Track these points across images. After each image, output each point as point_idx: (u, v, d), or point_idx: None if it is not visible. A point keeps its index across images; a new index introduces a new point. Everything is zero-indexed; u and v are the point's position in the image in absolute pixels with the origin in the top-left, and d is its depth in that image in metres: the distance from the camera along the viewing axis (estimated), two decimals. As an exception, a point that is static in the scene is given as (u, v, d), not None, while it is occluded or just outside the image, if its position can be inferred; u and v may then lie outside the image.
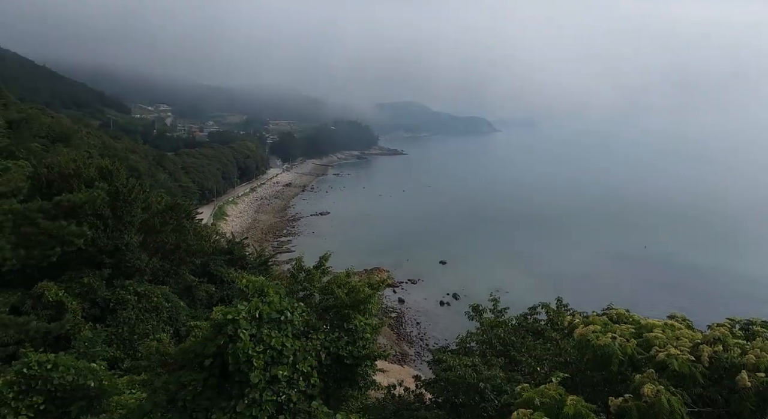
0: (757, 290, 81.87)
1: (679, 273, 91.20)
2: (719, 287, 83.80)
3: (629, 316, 11.43)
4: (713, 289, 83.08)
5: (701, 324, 13.14)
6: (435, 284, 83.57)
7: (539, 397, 7.85)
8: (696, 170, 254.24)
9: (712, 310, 71.07)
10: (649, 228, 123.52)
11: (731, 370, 7.60)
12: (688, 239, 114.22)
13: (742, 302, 76.43)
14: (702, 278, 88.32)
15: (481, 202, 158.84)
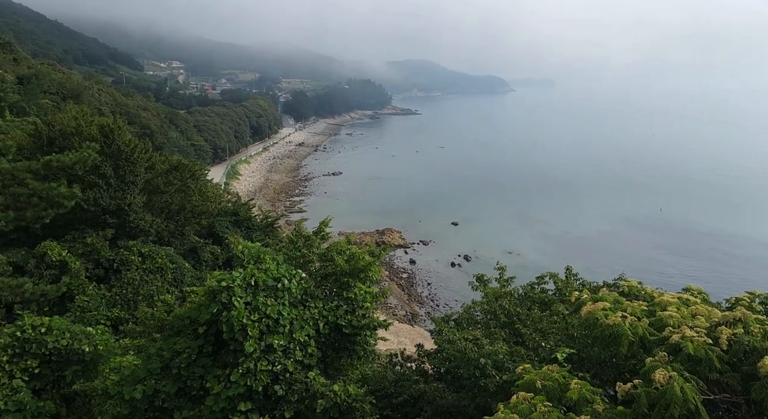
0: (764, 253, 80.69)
1: (695, 238, 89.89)
2: (738, 253, 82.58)
3: (642, 289, 10.81)
4: (732, 255, 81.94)
5: (719, 294, 12.49)
6: (446, 246, 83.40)
7: (541, 379, 7.36)
8: (714, 133, 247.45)
9: (730, 278, 70.58)
10: (666, 191, 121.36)
11: (752, 355, 7.00)
12: (706, 203, 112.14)
13: (761, 269, 75.48)
14: (720, 244, 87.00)
15: (494, 164, 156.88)
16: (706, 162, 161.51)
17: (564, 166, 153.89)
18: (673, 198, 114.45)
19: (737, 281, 69.32)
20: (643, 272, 67.69)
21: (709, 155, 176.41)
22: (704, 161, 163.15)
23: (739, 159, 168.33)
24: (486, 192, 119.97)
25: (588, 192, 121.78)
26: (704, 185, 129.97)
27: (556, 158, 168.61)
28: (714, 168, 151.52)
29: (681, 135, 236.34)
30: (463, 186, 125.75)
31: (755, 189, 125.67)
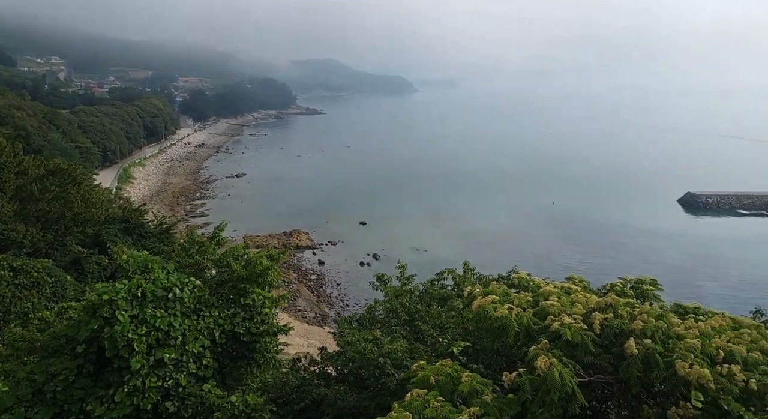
0: (655, 242, 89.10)
1: (583, 228, 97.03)
2: (620, 241, 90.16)
3: (530, 280, 11.38)
4: (615, 243, 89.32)
5: (603, 280, 13.45)
6: (355, 245, 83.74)
7: (435, 375, 7.51)
8: (600, 129, 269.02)
9: (615, 263, 77.03)
10: (559, 186, 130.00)
11: (621, 337, 7.59)
12: (595, 195, 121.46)
13: (641, 254, 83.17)
14: (607, 233, 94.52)
15: (401, 162, 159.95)
16: (595, 157, 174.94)
17: (467, 164, 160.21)
18: (563, 192, 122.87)
19: (620, 266, 76.01)
20: (539, 262, 72.26)
21: (596, 151, 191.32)
22: (593, 156, 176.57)
23: (622, 154, 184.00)
24: (394, 191, 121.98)
25: (490, 188, 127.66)
26: (591, 178, 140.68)
27: (460, 156, 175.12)
28: (601, 162, 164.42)
29: (573, 133, 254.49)
30: (371, 185, 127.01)
31: (638, 182, 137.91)
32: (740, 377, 7.04)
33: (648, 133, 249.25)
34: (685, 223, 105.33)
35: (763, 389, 6.96)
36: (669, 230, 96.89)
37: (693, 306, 11.52)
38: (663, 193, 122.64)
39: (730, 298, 62.98)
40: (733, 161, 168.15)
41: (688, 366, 6.88)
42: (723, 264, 79.99)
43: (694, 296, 62.01)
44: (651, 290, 12.19)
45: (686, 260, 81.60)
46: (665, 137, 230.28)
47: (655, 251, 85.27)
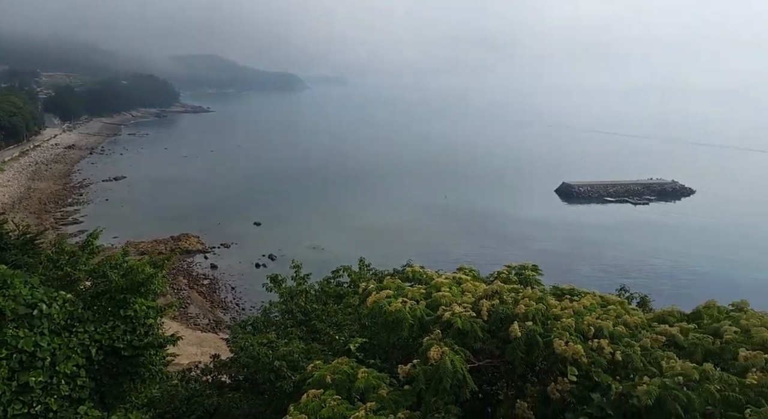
0: (536, 231, 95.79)
1: (475, 220, 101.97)
2: (508, 231, 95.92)
3: (423, 273, 11.68)
4: (504, 232, 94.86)
5: (494, 268, 14.10)
6: (250, 247, 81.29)
7: (331, 374, 7.43)
8: (484, 126, 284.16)
9: (503, 252, 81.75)
10: (451, 180, 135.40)
11: (506, 321, 8.00)
12: (484, 188, 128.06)
13: (525, 242, 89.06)
14: (496, 223, 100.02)
15: (295, 160, 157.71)
16: (482, 152, 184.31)
17: (361, 161, 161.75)
18: (455, 186, 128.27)
19: (508, 255, 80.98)
20: (435, 255, 74.77)
21: (483, 146, 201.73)
22: (480, 152, 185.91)
23: (505, 149, 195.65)
24: (288, 189, 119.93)
25: (385, 185, 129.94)
26: (478, 173, 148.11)
27: (353, 153, 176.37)
28: (487, 157, 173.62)
29: (460, 130, 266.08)
30: (265, 184, 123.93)
31: (520, 175, 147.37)
32: (608, 350, 7.73)
33: (527, 129, 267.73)
34: (561, 211, 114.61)
35: (627, 359, 7.69)
36: (548, 219, 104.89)
37: (569, 288, 12.51)
38: (542, 184, 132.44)
39: (601, 279, 69.45)
40: (599, 153, 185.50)
41: (564, 343, 7.42)
42: (595, 248, 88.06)
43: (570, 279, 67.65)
44: (533, 275, 13.05)
45: (564, 245, 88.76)
46: (542, 133, 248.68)
47: (537, 238, 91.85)
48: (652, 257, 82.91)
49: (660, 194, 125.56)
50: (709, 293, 12.42)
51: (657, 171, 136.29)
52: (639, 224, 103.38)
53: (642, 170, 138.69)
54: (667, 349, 8.88)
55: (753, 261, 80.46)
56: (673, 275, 75.07)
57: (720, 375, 7.07)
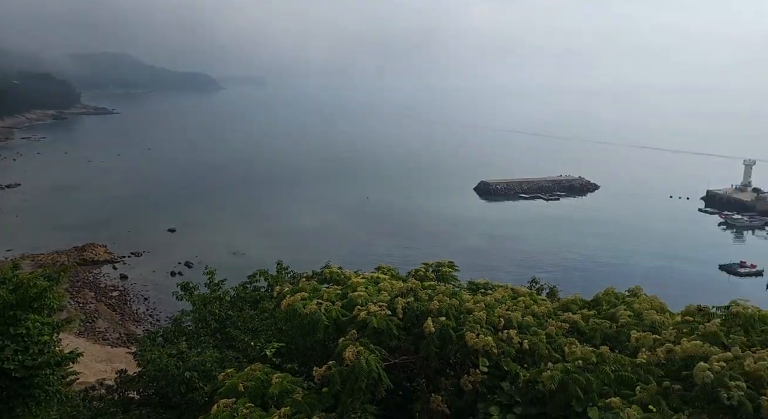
0: (457, 228, 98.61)
1: (398, 219, 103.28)
2: (432, 228, 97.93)
3: (341, 274, 11.64)
4: (427, 230, 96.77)
5: (416, 265, 14.28)
6: (164, 255, 77.57)
7: (243, 381, 7.21)
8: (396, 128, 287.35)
9: (425, 250, 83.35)
10: (373, 180, 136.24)
11: (421, 318, 8.13)
12: (406, 188, 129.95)
13: (447, 239, 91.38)
14: (418, 222, 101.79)
15: (209, 164, 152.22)
16: (403, 152, 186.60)
17: (280, 163, 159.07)
18: (377, 186, 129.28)
19: (430, 252, 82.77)
20: (358, 255, 74.89)
21: (403, 146, 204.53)
22: (401, 152, 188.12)
23: (425, 149, 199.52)
24: (205, 194, 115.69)
25: (305, 186, 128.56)
26: (400, 172, 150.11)
27: (271, 156, 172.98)
28: (408, 157, 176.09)
29: (377, 130, 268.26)
30: (178, 189, 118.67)
31: (441, 174, 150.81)
32: (516, 339, 8.06)
33: (444, 128, 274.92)
34: (480, 208, 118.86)
35: (533, 347, 8.07)
36: (468, 216, 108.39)
37: (483, 282, 12.94)
38: (461, 183, 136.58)
39: (517, 272, 72.64)
40: (513, 152, 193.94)
41: (475, 336, 7.65)
42: (511, 243, 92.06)
43: (490, 273, 70.27)
44: (449, 271, 13.39)
45: (483, 241, 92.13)
46: (459, 132, 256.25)
47: (459, 235, 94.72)
48: (564, 250, 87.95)
49: (569, 189, 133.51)
50: (613, 281, 13.34)
51: (565, 168, 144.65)
52: (551, 218, 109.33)
53: (552, 167, 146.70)
54: (570, 335, 9.43)
55: (650, 250, 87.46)
56: (582, 266, 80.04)
57: (614, 356, 7.59)
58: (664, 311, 10.65)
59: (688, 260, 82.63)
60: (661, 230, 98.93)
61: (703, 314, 9.08)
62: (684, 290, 62.67)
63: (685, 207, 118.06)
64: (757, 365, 6.51)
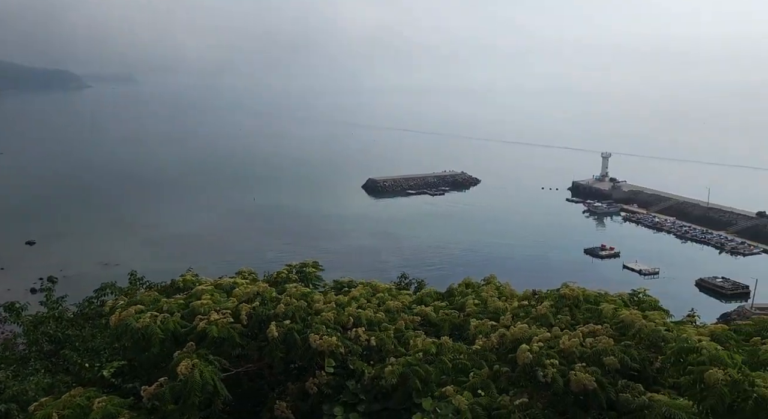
0: (346, 226, 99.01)
1: (287, 221, 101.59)
2: (322, 227, 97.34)
3: (196, 281, 11.06)
4: (317, 229, 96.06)
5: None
6: (23, 270, 69.97)
7: (59, 410, 6.51)
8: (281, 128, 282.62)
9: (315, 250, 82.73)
10: (259, 182, 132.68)
11: (266, 323, 7.90)
12: (294, 188, 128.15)
13: (336, 238, 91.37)
14: (308, 222, 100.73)
15: (74, 168, 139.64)
16: (289, 152, 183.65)
17: (155, 166, 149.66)
18: (264, 188, 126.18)
19: (319, 252, 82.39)
20: (243, 259, 72.32)
21: (288, 146, 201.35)
22: (287, 152, 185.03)
23: (313, 148, 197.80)
24: (69, 201, 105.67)
25: (186, 190, 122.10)
26: (288, 173, 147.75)
27: (146, 158, 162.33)
28: (295, 157, 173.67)
29: (263, 131, 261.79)
30: (36, 197, 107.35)
31: (329, 173, 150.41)
32: (363, 337, 8.11)
33: (331, 128, 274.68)
34: (368, 206, 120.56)
35: (380, 343, 8.17)
36: (357, 214, 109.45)
37: (347, 281, 12.95)
38: (349, 181, 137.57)
39: (403, 267, 74.41)
40: (401, 149, 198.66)
41: (319, 337, 7.57)
42: (399, 238, 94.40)
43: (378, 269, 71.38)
44: (313, 272, 13.22)
45: (372, 238, 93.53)
46: (345, 131, 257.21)
47: (348, 233, 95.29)
48: (450, 244, 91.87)
49: (453, 184, 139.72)
50: (492, 271, 13.91)
51: (449, 164, 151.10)
52: (437, 213, 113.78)
53: (436, 163, 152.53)
54: (422, 328, 9.71)
55: (526, 238, 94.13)
56: (466, 258, 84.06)
57: (454, 345, 7.90)
58: (513, 296, 11.37)
59: (558, 247, 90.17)
60: (534, 219, 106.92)
61: (537, 297, 9.77)
62: (554, 275, 68.26)
63: (555, 197, 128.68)
64: (570, 342, 7.09)
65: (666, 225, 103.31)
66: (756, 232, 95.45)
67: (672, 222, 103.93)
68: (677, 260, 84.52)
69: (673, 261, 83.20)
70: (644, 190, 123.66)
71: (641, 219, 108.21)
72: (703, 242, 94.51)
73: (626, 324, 7.62)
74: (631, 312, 7.86)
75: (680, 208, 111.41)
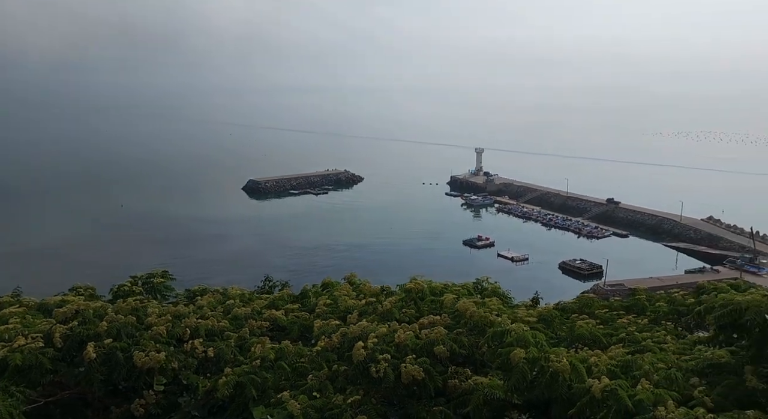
0: (228, 230, 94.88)
1: (162, 227, 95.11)
2: (201, 233, 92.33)
3: (12, 302, 9.86)
4: (196, 235, 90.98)
5: (187, 275, 12.73)
6: None
7: None
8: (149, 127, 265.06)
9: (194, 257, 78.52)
10: (127, 187, 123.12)
11: (85, 343, 7.18)
12: (168, 192, 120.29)
13: (217, 243, 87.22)
14: (185, 228, 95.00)
15: None
16: (162, 155, 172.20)
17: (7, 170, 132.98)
18: (133, 193, 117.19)
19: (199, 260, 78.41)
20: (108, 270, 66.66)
21: (160, 148, 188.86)
22: (158, 154, 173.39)
23: (188, 150, 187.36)
24: None
25: (42, 198, 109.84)
26: (160, 176, 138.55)
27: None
28: (168, 159, 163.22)
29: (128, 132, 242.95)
30: None
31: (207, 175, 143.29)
32: (200, 349, 7.69)
33: (205, 128, 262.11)
34: (251, 208, 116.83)
35: (219, 353, 7.80)
36: (239, 216, 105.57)
37: (200, 289, 12.33)
38: (229, 183, 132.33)
39: (288, 269, 73.41)
40: (282, 149, 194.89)
41: (146, 354, 7.04)
42: (284, 239, 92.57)
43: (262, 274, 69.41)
44: (162, 282, 12.41)
45: (255, 241, 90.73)
46: (222, 131, 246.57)
47: (229, 237, 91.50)
48: (335, 242, 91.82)
49: (337, 183, 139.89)
50: (380, 268, 13.78)
51: (332, 163, 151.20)
52: (321, 212, 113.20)
53: (319, 162, 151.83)
54: (271, 332, 9.47)
55: (410, 233, 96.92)
56: (351, 255, 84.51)
57: (295, 348, 7.77)
58: (374, 293, 11.50)
59: (440, 239, 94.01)
60: (417, 213, 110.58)
61: (386, 293, 9.99)
62: (435, 268, 71.07)
63: (435, 192, 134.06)
64: (405, 335, 7.28)
65: (533, 214, 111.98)
66: (606, 217, 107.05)
67: (538, 211, 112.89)
68: (543, 246, 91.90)
69: (540, 247, 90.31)
70: (514, 182, 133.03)
71: (512, 210, 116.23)
72: (564, 228, 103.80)
73: (460, 312, 8.00)
74: (464, 301, 8.26)
75: (544, 198, 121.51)
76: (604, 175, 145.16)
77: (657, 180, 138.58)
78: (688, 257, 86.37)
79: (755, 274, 73.48)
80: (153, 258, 77.68)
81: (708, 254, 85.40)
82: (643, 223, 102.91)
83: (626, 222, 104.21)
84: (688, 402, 5.25)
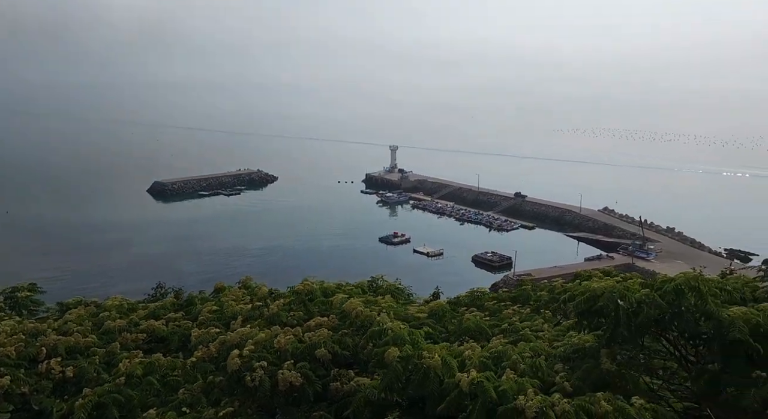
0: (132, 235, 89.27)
1: (55, 235, 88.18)
2: (101, 239, 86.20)
3: None
4: (95, 242, 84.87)
5: (80, 286, 11.42)
6: None
7: None
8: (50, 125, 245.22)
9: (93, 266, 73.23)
10: (12, 192, 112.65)
11: None
12: (63, 197, 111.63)
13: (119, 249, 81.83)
14: (83, 234, 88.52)
15: None
16: (54, 156, 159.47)
17: None
18: (19, 199, 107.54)
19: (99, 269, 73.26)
20: None
21: (51, 148, 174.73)
22: (50, 156, 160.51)
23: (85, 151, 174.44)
24: None
25: None
26: (53, 180, 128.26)
27: None
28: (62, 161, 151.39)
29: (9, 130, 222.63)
30: None
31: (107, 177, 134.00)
32: (57, 369, 6.95)
33: (96, 127, 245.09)
34: (157, 211, 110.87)
35: (80, 372, 7.09)
36: (143, 221, 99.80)
37: (75, 301, 11.30)
38: (132, 185, 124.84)
39: (199, 273, 70.43)
40: (188, 149, 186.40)
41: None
42: (194, 242, 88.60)
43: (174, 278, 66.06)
44: (29, 296, 11.30)
45: (162, 245, 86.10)
46: (118, 131, 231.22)
47: (134, 242, 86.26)
48: (249, 243, 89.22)
49: (249, 183, 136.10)
50: (295, 269, 13.09)
51: (243, 163, 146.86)
52: (233, 213, 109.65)
53: (230, 162, 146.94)
54: (148, 344, 8.81)
55: (327, 233, 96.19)
56: (264, 258, 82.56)
57: (167, 361, 7.25)
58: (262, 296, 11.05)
59: (356, 237, 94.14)
60: (333, 212, 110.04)
61: (273, 296, 9.63)
62: (352, 266, 71.11)
63: (351, 190, 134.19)
64: (285, 340, 6.98)
65: (447, 210, 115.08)
66: (514, 210, 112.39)
67: (452, 207, 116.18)
68: (457, 240, 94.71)
69: (454, 242, 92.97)
70: (428, 179, 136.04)
71: (427, 206, 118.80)
72: (476, 222, 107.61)
73: (346, 312, 7.83)
74: (352, 301, 8.10)
75: (457, 193, 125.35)
76: (512, 170, 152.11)
77: (559, 174, 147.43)
78: (587, 246, 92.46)
79: (644, 259, 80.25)
80: (39, 269, 71.14)
81: (604, 242, 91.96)
82: (548, 215, 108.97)
83: (532, 215, 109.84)
84: (550, 388, 5.42)
